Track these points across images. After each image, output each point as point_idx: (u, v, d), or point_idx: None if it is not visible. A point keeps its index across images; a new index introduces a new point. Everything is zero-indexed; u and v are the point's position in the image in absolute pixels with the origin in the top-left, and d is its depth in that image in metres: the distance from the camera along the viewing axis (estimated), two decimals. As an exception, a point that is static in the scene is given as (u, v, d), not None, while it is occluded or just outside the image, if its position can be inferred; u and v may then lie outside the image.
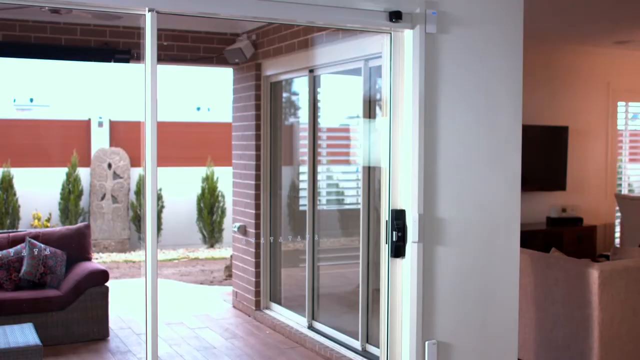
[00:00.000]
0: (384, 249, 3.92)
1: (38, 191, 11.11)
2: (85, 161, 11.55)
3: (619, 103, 8.54)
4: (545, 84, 7.99)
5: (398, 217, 3.78)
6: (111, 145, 11.78)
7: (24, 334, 5.08)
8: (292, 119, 6.97)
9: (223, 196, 11.90)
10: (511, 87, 4.10)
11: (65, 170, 11.24)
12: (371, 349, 5.29)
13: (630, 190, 8.90)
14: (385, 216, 3.92)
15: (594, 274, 4.61)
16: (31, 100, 12.59)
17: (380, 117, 5.26)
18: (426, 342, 3.90)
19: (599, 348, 4.63)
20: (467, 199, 4.00)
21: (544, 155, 7.96)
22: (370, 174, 5.46)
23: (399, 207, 3.86)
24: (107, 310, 6.11)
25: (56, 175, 11.24)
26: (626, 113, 8.64)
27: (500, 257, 4.10)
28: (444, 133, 3.91)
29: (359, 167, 5.69)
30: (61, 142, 11.66)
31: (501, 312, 4.12)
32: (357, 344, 5.43)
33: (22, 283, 6.15)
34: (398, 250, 3.79)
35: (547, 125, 7.95)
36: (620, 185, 8.76)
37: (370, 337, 5.36)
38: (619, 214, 8.31)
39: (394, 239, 3.78)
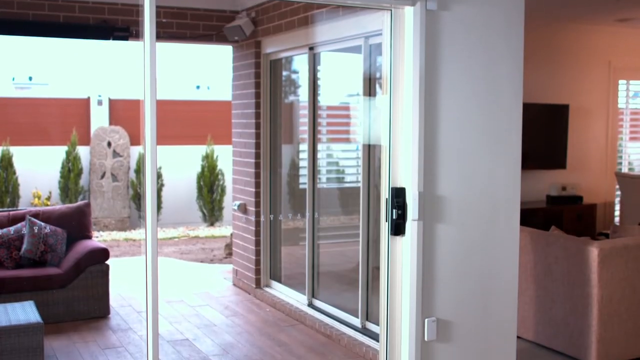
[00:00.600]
0: (384, 227, 3.92)
1: (38, 170, 11.12)
2: (85, 140, 11.54)
3: (620, 81, 8.50)
4: (546, 62, 7.95)
5: (398, 194, 3.78)
6: (111, 123, 11.76)
7: (25, 312, 5.10)
8: (292, 97, 6.95)
9: (223, 174, 11.90)
10: (512, 65, 4.08)
11: (64, 148, 11.23)
12: (371, 326, 5.32)
13: (630, 169, 8.89)
14: (385, 194, 3.92)
15: (594, 252, 4.61)
16: (30, 78, 12.55)
17: (380, 95, 5.24)
18: (426, 320, 3.91)
19: (598, 325, 4.65)
20: (467, 177, 3.99)
21: (545, 134, 7.94)
22: (370, 152, 5.45)
23: (399, 185, 3.86)
24: (108, 288, 6.13)
25: (56, 154, 11.23)
26: (627, 91, 8.61)
27: (500, 235, 4.11)
28: (444, 111, 3.90)
29: (359, 145, 5.68)
30: (60, 120, 11.64)
31: (501, 289, 4.13)
32: (357, 322, 5.46)
33: (22, 261, 6.16)
34: (398, 228, 3.79)
35: (547, 104, 7.92)
36: (621, 163, 8.76)
37: (370, 314, 5.39)
38: (618, 193, 8.31)
39: (394, 217, 3.79)
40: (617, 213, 8.53)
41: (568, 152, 8.10)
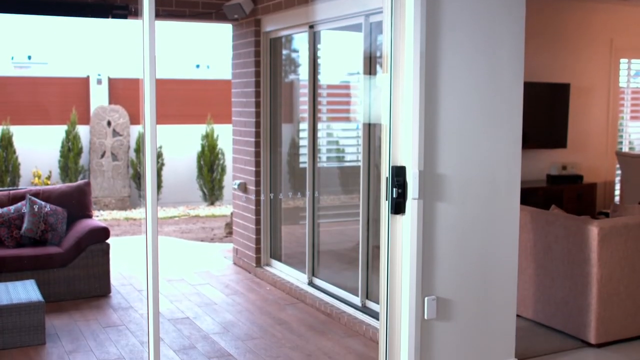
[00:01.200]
0: (384, 206, 3.92)
1: (38, 149, 11.10)
2: (85, 119, 11.50)
3: (622, 60, 8.46)
4: (547, 41, 7.91)
5: (398, 173, 3.77)
6: (110, 102, 11.72)
7: (26, 290, 5.12)
8: (292, 76, 6.92)
9: (223, 154, 11.89)
10: (513, 43, 4.06)
11: (64, 128, 11.21)
12: (371, 304, 5.34)
13: (631, 148, 8.88)
14: (385, 173, 3.91)
15: (594, 231, 4.62)
16: (29, 57, 12.49)
17: (380, 74, 5.22)
18: (425, 298, 3.92)
19: (597, 304, 4.66)
20: (467, 156, 3.99)
21: (545, 113, 7.92)
22: (371, 131, 5.44)
23: (399, 163, 3.86)
24: (109, 267, 6.15)
25: (56, 133, 11.21)
26: (628, 70, 8.57)
27: (501, 214, 4.11)
28: (445, 89, 3.88)
29: (359, 124, 5.67)
30: (60, 99, 11.60)
31: (500, 268, 4.14)
32: (357, 300, 5.47)
33: (23, 240, 6.17)
34: (398, 206, 3.79)
35: (548, 83, 7.89)
36: (621, 143, 8.74)
37: (370, 293, 5.40)
38: (619, 172, 8.30)
39: (394, 196, 3.78)
40: (617, 192, 8.53)
41: (569, 131, 8.08)
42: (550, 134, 8.03)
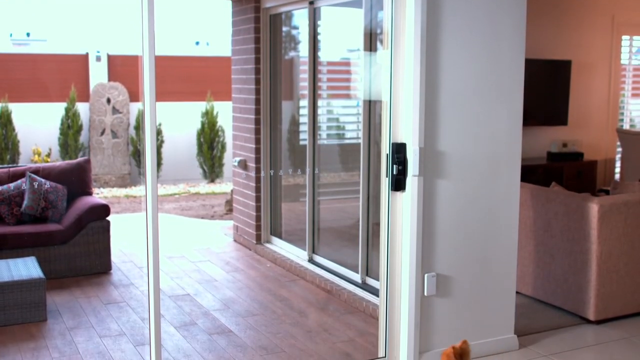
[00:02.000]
0: (385, 183, 3.92)
1: (37, 126, 11.07)
2: (84, 96, 11.46)
3: (623, 37, 8.41)
4: (548, 17, 7.85)
5: (398, 150, 3.77)
6: (110, 79, 11.67)
7: (27, 267, 5.13)
8: (292, 53, 6.88)
9: (223, 131, 11.86)
10: (515, 20, 4.03)
11: (64, 105, 11.17)
12: (371, 281, 5.35)
13: (631, 125, 8.86)
14: (385, 150, 3.91)
15: (594, 208, 4.62)
16: (28, 34, 12.41)
17: (381, 50, 5.19)
18: (425, 275, 3.94)
19: (597, 281, 4.67)
20: (468, 133, 3.98)
21: (546, 90, 7.89)
22: (371, 108, 5.42)
23: (400, 140, 3.85)
24: (109, 244, 6.16)
25: (55, 111, 11.17)
26: (630, 47, 8.52)
27: (501, 191, 4.11)
28: (445, 66, 3.86)
29: (360, 101, 5.65)
30: (59, 76, 11.55)
31: (500, 245, 4.15)
32: (357, 277, 5.49)
33: (23, 217, 6.18)
34: (398, 183, 3.79)
35: (549, 59, 7.85)
36: (622, 120, 8.72)
37: (370, 270, 5.42)
38: (619, 149, 8.29)
39: (394, 173, 3.78)
40: (617, 170, 8.53)
41: (569, 108, 8.05)
42: (551, 111, 8.01)
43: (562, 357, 4.20)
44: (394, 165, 3.79)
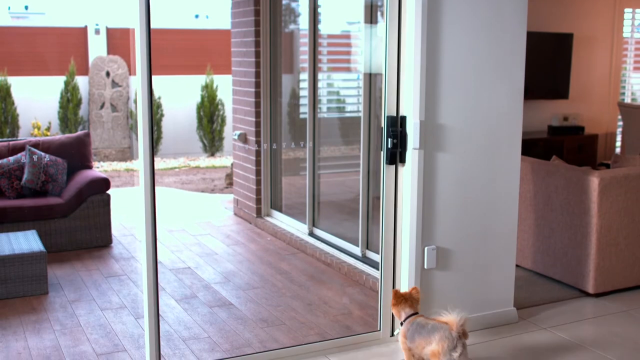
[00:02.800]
0: (384, 157, 3.91)
1: (37, 100, 11.03)
2: (83, 69, 11.41)
3: (626, 10, 8.35)
4: (551, -10, 7.80)
5: (393, 123, 3.74)
6: (109, 53, 11.61)
7: (27, 241, 5.14)
8: (292, 26, 6.83)
9: (223, 104, 11.82)
10: (517, -10, 4.00)
11: (63, 79, 11.12)
12: (371, 254, 5.37)
13: (633, 99, 8.83)
14: (384, 125, 3.89)
15: (594, 181, 4.62)
16: (26, 7, 12.33)
17: (382, 23, 5.15)
18: (425, 248, 3.94)
19: (596, 254, 4.69)
20: (469, 106, 3.96)
21: (548, 63, 7.85)
22: (372, 81, 5.39)
23: (401, 113, 3.83)
24: (110, 217, 6.17)
25: (54, 84, 11.13)
26: (632, 20, 8.47)
27: (501, 164, 4.10)
28: (447, 39, 3.84)
29: (360, 74, 5.62)
30: (58, 50, 11.49)
31: (501, 219, 4.15)
32: (357, 250, 5.50)
33: (24, 191, 6.18)
34: (393, 157, 3.77)
35: (551, 32, 7.80)
36: (624, 94, 8.69)
37: (370, 243, 5.43)
38: (621, 123, 8.27)
39: (389, 146, 3.76)
40: (618, 143, 8.51)
41: (571, 82, 8.02)
42: (553, 84, 7.98)
43: (561, 329, 4.22)
44: (389, 139, 3.77)
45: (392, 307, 3.56)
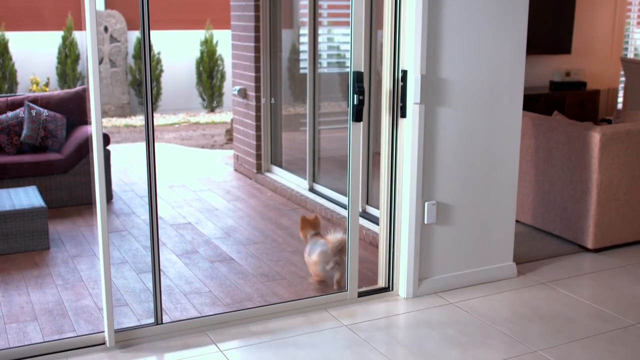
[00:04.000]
0: (385, 112, 3.89)
1: (35, 56, 10.95)
2: (81, 24, 11.29)
3: (631, -38, 8.25)
4: (555, -58, 7.67)
5: (359, 79, 3.68)
6: (107, 7, 11.48)
7: (28, 197, 5.15)
8: (291, -21, 6.74)
9: (222, 60, 11.74)
10: (520, -58, 3.93)
11: (60, 34, 11.02)
12: (371, 210, 5.37)
13: (636, 54, 8.76)
14: (386, 79, 3.86)
15: (595, 137, 4.60)
16: (22, -40, 12.15)
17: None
18: (426, 203, 3.95)
19: (596, 210, 4.69)
20: (471, 61, 3.92)
21: (551, 17, 7.76)
22: (372, 36, 5.33)
23: (401, 68, 3.80)
24: (110, 173, 6.17)
25: (52, 39, 11.03)
26: (637, -27, 8.36)
27: (503, 119, 4.08)
28: (449, -9, 3.79)
29: (361, 28, 5.54)
30: (55, 4, 11.36)
31: (501, 174, 4.15)
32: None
33: (23, 147, 6.16)
34: (358, 114, 3.70)
35: (554, -14, 7.70)
36: (627, 49, 8.61)
37: (370, 198, 5.43)
38: (623, 79, 8.21)
39: (354, 103, 3.69)
40: (620, 99, 8.47)
41: (574, 36, 7.94)
42: (555, 39, 7.90)
43: (560, 284, 4.25)
44: (355, 95, 3.70)
45: (300, 230, 4.36)
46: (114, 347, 3.40)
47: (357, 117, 3.69)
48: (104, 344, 3.39)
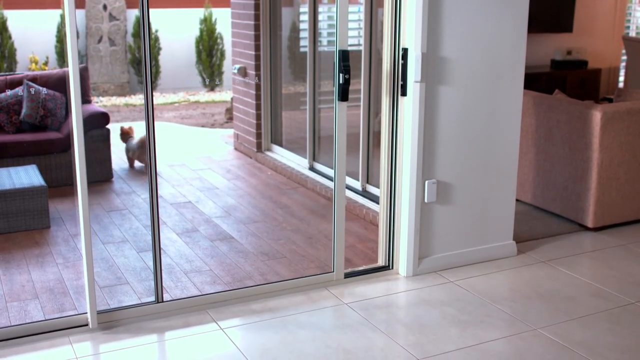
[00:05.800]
0: (385, 90, 3.88)
1: (34, 34, 10.89)
2: (80, 2, 11.22)
3: (634, -61, 8.17)
4: None
5: (345, 58, 3.66)
6: (105, -15, 11.41)
7: (28, 175, 5.15)
8: (291, -44, 6.69)
9: (222, 38, 11.68)
10: None
11: (59, 12, 10.95)
12: (371, 189, 5.37)
13: (638, 33, 8.71)
14: (386, 57, 3.85)
15: (596, 115, 4.59)
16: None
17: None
18: (426, 182, 3.94)
19: (596, 189, 4.69)
20: (472, 39, 3.90)
21: (552, -5, 7.71)
22: (373, 14, 5.30)
23: (402, 45, 3.78)
24: (110, 152, 6.16)
25: (51, 18, 10.96)
26: (640, -50, 8.29)
27: (504, 98, 4.07)
28: (450, -32, 3.76)
29: (361, 7, 5.52)
30: (53, -19, 11.28)
31: (502, 153, 4.14)
32: (357, 185, 5.51)
33: (23, 126, 6.15)
34: (344, 94, 3.69)
35: (556, -37, 7.65)
36: (629, 27, 8.56)
37: (370, 177, 5.43)
38: (625, 57, 8.18)
39: (340, 82, 3.68)
40: (621, 78, 8.44)
41: (575, 15, 7.89)
42: (557, 17, 7.85)
43: (560, 263, 4.26)
44: (340, 74, 3.68)
45: (120, 137, 6.27)
46: (106, 328, 3.41)
47: (343, 96, 3.67)
48: (87, 325, 3.37)
